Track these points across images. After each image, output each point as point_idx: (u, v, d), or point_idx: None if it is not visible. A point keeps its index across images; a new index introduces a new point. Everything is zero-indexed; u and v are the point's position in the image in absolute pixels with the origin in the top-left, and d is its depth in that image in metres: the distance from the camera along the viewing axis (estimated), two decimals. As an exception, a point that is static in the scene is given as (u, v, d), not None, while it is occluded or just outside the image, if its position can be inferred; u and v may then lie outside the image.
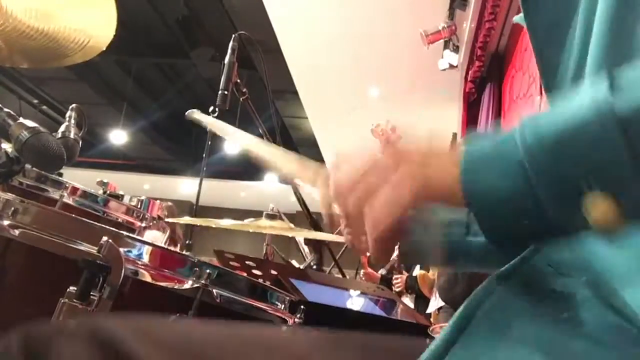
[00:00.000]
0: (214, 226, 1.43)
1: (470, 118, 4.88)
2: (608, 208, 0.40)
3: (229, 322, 0.56)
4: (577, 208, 0.41)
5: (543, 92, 0.65)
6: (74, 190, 1.31)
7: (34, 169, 1.23)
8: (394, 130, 2.78)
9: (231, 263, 1.54)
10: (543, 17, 0.60)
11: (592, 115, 0.40)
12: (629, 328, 0.43)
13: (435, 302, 3.28)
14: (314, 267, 2.19)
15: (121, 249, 0.81)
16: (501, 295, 0.49)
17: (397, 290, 3.81)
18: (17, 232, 0.85)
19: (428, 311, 3.40)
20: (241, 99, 1.74)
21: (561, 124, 0.42)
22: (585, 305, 0.46)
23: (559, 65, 0.59)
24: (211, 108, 1.63)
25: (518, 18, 0.66)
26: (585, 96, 0.41)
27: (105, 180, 1.51)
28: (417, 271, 3.78)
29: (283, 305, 1.04)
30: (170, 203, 3.50)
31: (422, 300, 3.73)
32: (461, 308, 0.49)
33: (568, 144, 0.41)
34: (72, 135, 1.10)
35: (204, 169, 2.04)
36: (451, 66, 4.68)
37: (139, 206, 1.47)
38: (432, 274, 3.51)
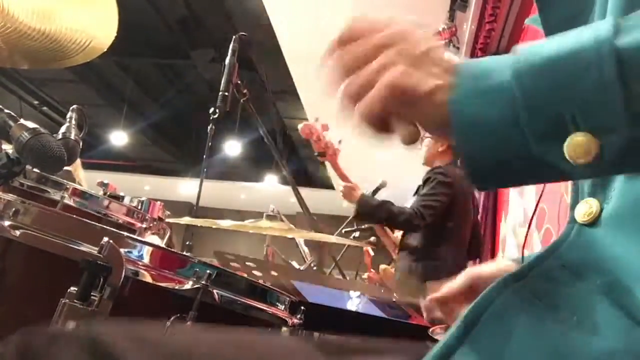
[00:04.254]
0: (214, 227, 1.43)
1: (471, 119, 4.88)
2: (588, 148, 0.38)
3: (226, 328, 0.56)
4: (559, 143, 0.39)
5: None
6: (75, 191, 1.31)
7: (35, 170, 1.23)
8: (325, 127, 2.68)
9: (231, 264, 1.54)
10: (558, 12, 0.59)
11: (588, 43, 0.38)
12: None
13: None
14: (314, 268, 2.18)
15: (122, 250, 0.81)
16: (510, 298, 0.47)
17: None
18: (18, 232, 0.85)
19: None
20: (241, 100, 1.74)
21: (554, 48, 0.40)
22: (597, 310, 0.44)
23: None
24: (212, 109, 1.63)
25: (530, 20, 0.65)
26: (586, 29, 0.40)
27: (105, 181, 1.51)
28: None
29: (283, 306, 1.04)
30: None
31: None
32: (467, 310, 0.47)
33: (557, 67, 0.39)
34: (72, 137, 1.10)
35: (205, 170, 2.03)
36: (451, 67, 4.67)
37: (139, 207, 1.47)
38: (392, 266, 3.45)
